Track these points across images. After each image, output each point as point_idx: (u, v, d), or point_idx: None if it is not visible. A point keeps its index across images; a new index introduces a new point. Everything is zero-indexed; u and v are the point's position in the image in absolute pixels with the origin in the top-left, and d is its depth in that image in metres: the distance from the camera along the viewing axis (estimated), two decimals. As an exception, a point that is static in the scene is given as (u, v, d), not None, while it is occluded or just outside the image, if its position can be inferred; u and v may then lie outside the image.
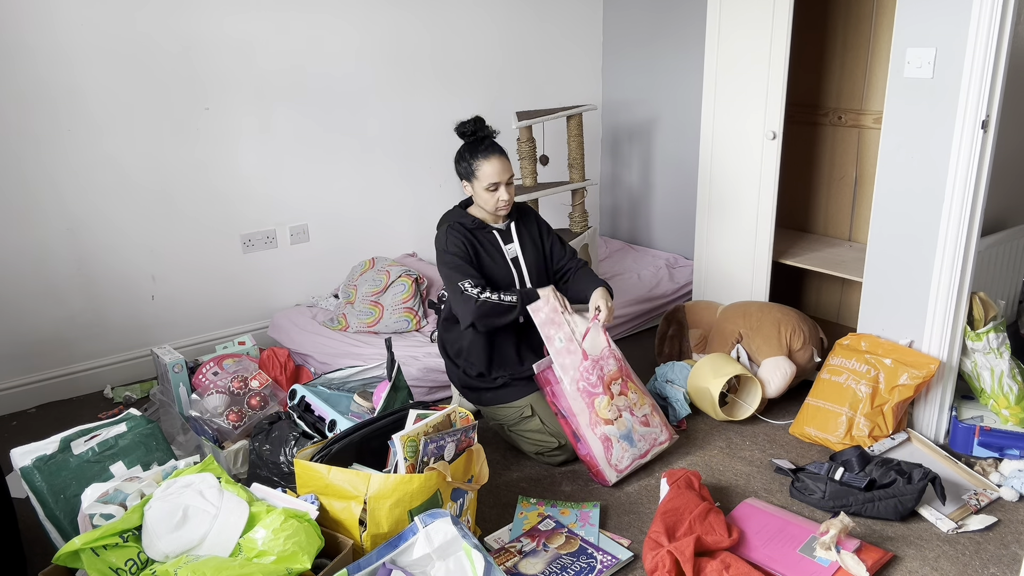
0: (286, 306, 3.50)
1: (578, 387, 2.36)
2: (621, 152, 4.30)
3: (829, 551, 1.99)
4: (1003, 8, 2.18)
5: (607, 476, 2.36)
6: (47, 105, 2.83)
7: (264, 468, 2.19)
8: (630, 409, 2.43)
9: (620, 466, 2.38)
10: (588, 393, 2.37)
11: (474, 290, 2.38)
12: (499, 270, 2.50)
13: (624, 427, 2.40)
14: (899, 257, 2.57)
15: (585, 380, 2.37)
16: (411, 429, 1.93)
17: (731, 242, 3.17)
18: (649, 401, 2.50)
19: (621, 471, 2.39)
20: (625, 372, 2.48)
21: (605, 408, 2.38)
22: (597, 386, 2.38)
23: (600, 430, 2.36)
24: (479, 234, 2.51)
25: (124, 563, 1.68)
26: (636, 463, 2.42)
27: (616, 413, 2.40)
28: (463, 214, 2.53)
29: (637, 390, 2.48)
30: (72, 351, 3.08)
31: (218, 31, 3.09)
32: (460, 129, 2.49)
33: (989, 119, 2.28)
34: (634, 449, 2.41)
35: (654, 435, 2.48)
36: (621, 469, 2.39)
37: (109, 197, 3.02)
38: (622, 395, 2.43)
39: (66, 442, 2.02)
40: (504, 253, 2.53)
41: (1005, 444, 2.46)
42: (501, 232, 2.55)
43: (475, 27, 3.75)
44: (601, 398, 2.38)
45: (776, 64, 2.85)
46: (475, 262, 2.46)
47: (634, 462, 2.41)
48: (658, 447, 2.48)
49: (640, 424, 2.44)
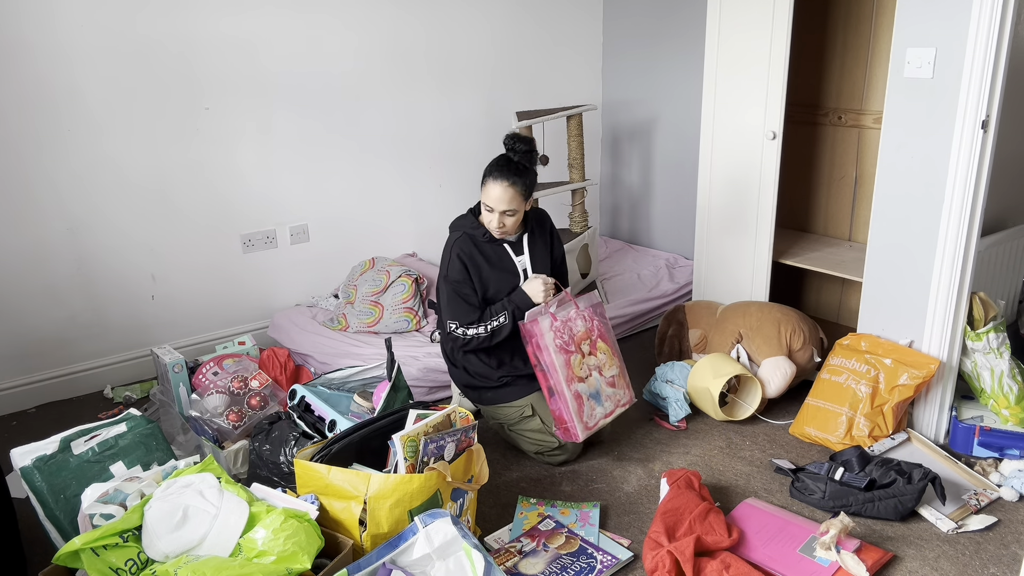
0: (286, 306, 3.50)
1: (555, 343, 2.37)
2: (621, 152, 4.30)
3: (829, 551, 1.99)
4: (1003, 8, 2.18)
5: (577, 430, 2.37)
6: (47, 105, 2.83)
7: (264, 468, 2.19)
8: (599, 369, 2.47)
9: (590, 423, 2.42)
10: (564, 351, 2.39)
11: (459, 330, 2.42)
12: (503, 284, 2.47)
13: (593, 386, 2.44)
14: (899, 257, 2.57)
15: (560, 339, 2.39)
16: (411, 429, 1.93)
17: (731, 242, 3.17)
18: (617, 362, 2.54)
19: (590, 428, 2.41)
20: (596, 332, 2.49)
21: (578, 366, 2.41)
22: (569, 344, 2.40)
23: (574, 387, 2.39)
24: (487, 247, 2.46)
25: (124, 563, 1.68)
26: (602, 422, 2.46)
27: (587, 372, 2.43)
28: (475, 224, 2.46)
29: (606, 350, 2.50)
30: (72, 351, 3.08)
31: (218, 31, 3.09)
32: (505, 141, 2.44)
33: (989, 119, 2.28)
34: (601, 408, 2.46)
35: (618, 396, 2.52)
36: (591, 426, 2.42)
37: (109, 197, 3.02)
38: (591, 355, 2.46)
39: (66, 442, 2.02)
40: (515, 265, 2.49)
41: (1005, 444, 2.46)
42: (512, 245, 2.50)
43: (475, 27, 3.75)
44: (574, 356, 2.41)
45: (776, 64, 2.85)
46: (477, 279, 2.44)
47: (599, 421, 2.45)
48: (620, 408, 2.52)
49: (607, 384, 2.48)
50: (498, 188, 2.35)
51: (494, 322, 2.41)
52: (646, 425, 2.78)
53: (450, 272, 2.43)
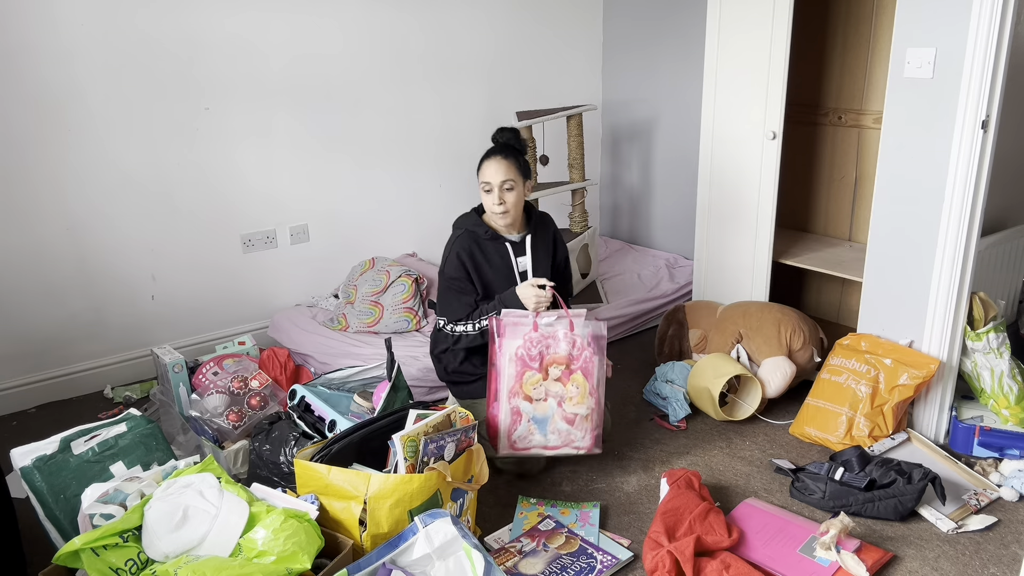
0: (286, 306, 3.50)
1: (516, 353, 2.28)
2: (621, 152, 4.30)
3: (829, 551, 1.99)
4: (1003, 8, 2.18)
5: (499, 445, 2.30)
6: (48, 105, 2.83)
7: (264, 468, 2.19)
8: (560, 399, 2.31)
9: (518, 444, 2.30)
10: (523, 362, 2.28)
11: (447, 326, 2.43)
12: (503, 284, 2.44)
13: (543, 412, 2.30)
14: (899, 257, 2.57)
15: (526, 350, 2.29)
16: (411, 429, 1.93)
17: (731, 242, 3.17)
18: (590, 404, 2.31)
19: (516, 449, 2.31)
20: (579, 364, 2.31)
21: (532, 385, 2.29)
22: (535, 360, 2.28)
23: (515, 402, 2.28)
24: (489, 245, 2.44)
25: (124, 563, 1.68)
26: (539, 451, 2.33)
27: (542, 395, 2.30)
28: (478, 222, 2.46)
29: (582, 385, 2.31)
30: (72, 351, 3.08)
31: (218, 31, 3.09)
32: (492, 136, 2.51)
33: (989, 119, 2.28)
34: (542, 437, 2.31)
35: (572, 437, 2.33)
36: (517, 447, 2.31)
37: (109, 197, 3.02)
38: (558, 382, 2.30)
39: (66, 442, 2.02)
40: (513, 267, 2.46)
41: (1005, 444, 2.46)
42: (514, 244, 2.47)
43: (475, 27, 3.75)
44: (533, 374, 2.29)
45: (776, 64, 2.85)
46: (476, 278, 2.42)
47: (535, 449, 2.32)
48: (571, 449, 2.33)
49: (562, 419, 2.31)
50: (492, 163, 2.38)
51: (483, 320, 2.37)
52: (646, 425, 2.78)
53: (447, 268, 2.44)
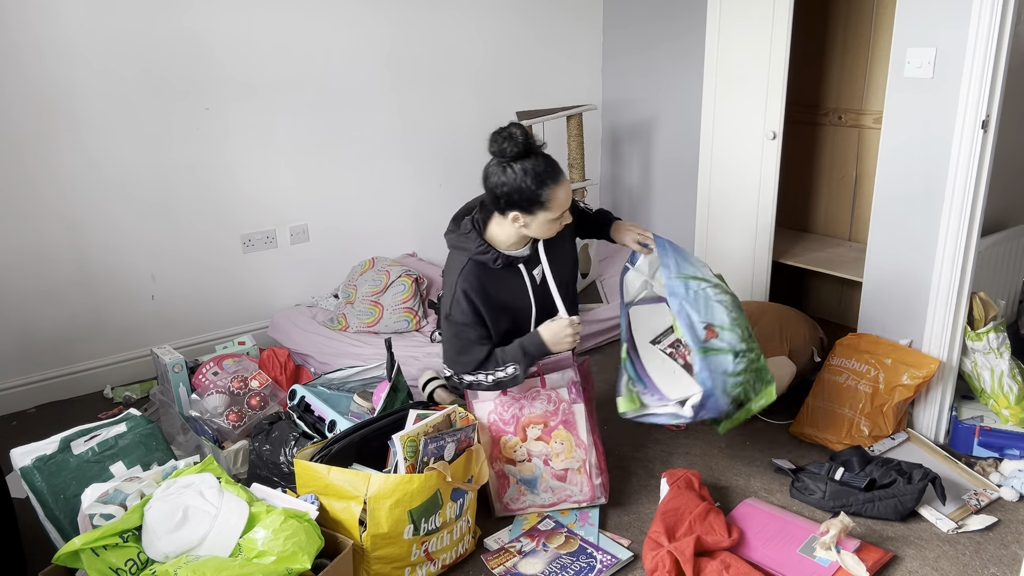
0: (286, 306, 3.50)
1: (488, 419, 2.17)
2: (621, 152, 4.30)
3: (829, 551, 1.99)
4: (1003, 8, 2.18)
5: (495, 508, 2.22)
6: (47, 104, 2.83)
7: (264, 468, 2.19)
8: (545, 458, 2.18)
9: (511, 505, 2.21)
10: (496, 428, 2.18)
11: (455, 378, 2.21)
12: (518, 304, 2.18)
13: (530, 472, 2.18)
14: (899, 257, 2.57)
15: (498, 415, 2.17)
16: (411, 429, 1.93)
17: (731, 242, 3.17)
18: (580, 455, 2.20)
19: (511, 510, 2.21)
20: (560, 416, 2.18)
21: (511, 448, 2.18)
22: (509, 424, 2.17)
23: (498, 466, 2.19)
24: (500, 274, 2.12)
25: (124, 563, 1.68)
26: (535, 509, 2.22)
27: (524, 456, 2.17)
28: (483, 248, 2.08)
29: (567, 440, 2.18)
30: (72, 351, 3.08)
31: (218, 31, 3.09)
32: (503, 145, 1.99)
33: (989, 119, 2.28)
34: (536, 496, 2.21)
35: (569, 492, 2.21)
36: (511, 508, 2.21)
37: (109, 197, 3.02)
38: (540, 441, 2.17)
39: (66, 442, 2.02)
40: (527, 287, 2.17)
41: (1005, 444, 2.46)
42: (526, 260, 2.17)
43: (476, 27, 3.75)
44: (511, 437, 2.17)
45: (776, 64, 2.85)
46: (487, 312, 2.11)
47: (530, 508, 2.21)
48: (571, 504, 2.23)
49: (553, 476, 2.20)
50: (563, 189, 2.03)
51: (500, 373, 2.09)
52: (646, 425, 2.77)
53: (453, 312, 2.09)
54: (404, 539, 1.88)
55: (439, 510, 1.93)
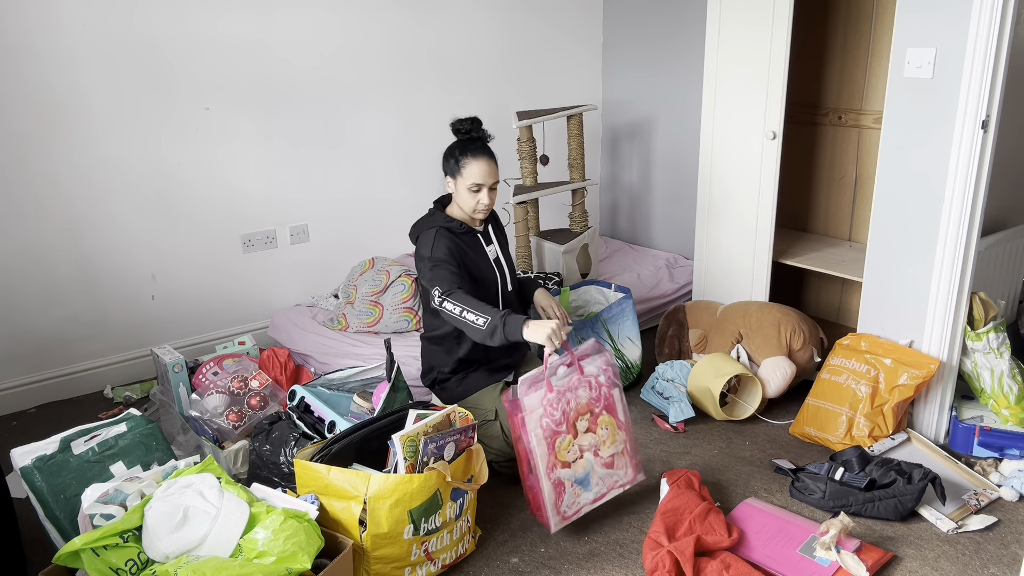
0: (286, 306, 3.50)
1: (542, 424, 2.11)
2: (621, 152, 4.30)
3: (829, 551, 1.99)
4: (1003, 8, 2.18)
5: (551, 522, 2.13)
6: (48, 105, 2.83)
7: (264, 468, 2.19)
8: (595, 449, 2.20)
9: (568, 513, 2.16)
10: (552, 432, 2.12)
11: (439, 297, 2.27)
12: (486, 273, 2.49)
13: (583, 469, 2.18)
14: (899, 257, 2.57)
15: (550, 417, 2.12)
16: (411, 429, 1.93)
17: (731, 242, 3.17)
18: (622, 437, 2.26)
19: (568, 518, 2.17)
20: (602, 403, 2.23)
21: (565, 449, 2.15)
22: (561, 424, 2.14)
23: (555, 475, 2.13)
24: (465, 238, 2.47)
25: (124, 563, 1.68)
26: (586, 508, 2.21)
27: (577, 454, 2.17)
28: (446, 218, 2.47)
29: (610, 424, 2.23)
30: (72, 351, 3.08)
31: (218, 31, 3.09)
32: (456, 126, 2.47)
33: (989, 119, 2.28)
34: (588, 493, 2.20)
35: (615, 477, 2.25)
36: (568, 516, 2.17)
37: (109, 197, 3.02)
38: (589, 432, 2.19)
39: (66, 442, 2.02)
40: (488, 256, 2.52)
41: (1005, 444, 2.46)
42: (482, 234, 2.54)
43: (475, 27, 3.75)
44: (564, 437, 2.14)
45: (776, 64, 2.85)
46: (462, 264, 2.41)
47: (583, 508, 2.20)
48: (617, 489, 2.27)
49: (602, 466, 2.23)
50: (483, 162, 2.39)
51: (471, 315, 2.20)
52: (646, 425, 2.78)
53: (434, 252, 2.38)
54: (404, 539, 1.89)
55: (439, 510, 1.94)
